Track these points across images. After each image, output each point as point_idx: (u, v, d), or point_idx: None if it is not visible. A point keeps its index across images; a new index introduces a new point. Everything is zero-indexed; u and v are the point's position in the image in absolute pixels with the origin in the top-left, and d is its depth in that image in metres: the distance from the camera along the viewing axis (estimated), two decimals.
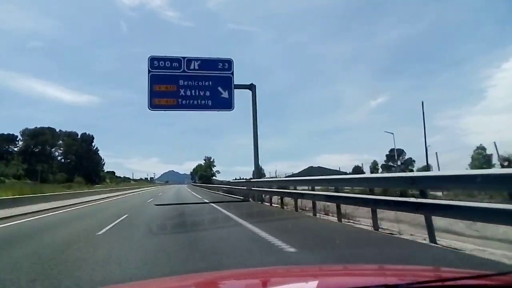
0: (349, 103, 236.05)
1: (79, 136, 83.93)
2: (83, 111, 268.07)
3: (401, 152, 69.75)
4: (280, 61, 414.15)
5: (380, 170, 67.84)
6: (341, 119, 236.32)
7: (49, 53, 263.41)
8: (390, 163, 71.15)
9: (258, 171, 19.72)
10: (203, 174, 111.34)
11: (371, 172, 52.94)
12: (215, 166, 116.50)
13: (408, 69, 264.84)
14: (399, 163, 67.82)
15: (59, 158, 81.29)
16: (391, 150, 67.05)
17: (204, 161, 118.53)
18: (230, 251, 5.27)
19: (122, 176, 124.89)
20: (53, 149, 79.76)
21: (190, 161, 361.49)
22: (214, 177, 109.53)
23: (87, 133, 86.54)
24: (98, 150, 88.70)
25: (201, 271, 3.73)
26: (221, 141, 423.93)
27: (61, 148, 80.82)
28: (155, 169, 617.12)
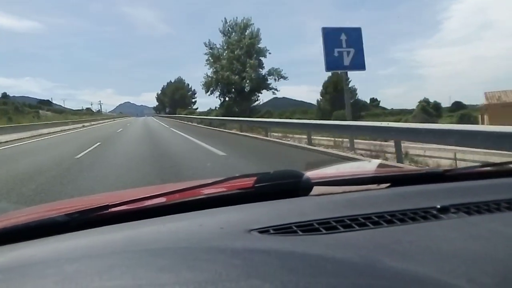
0: (310, 35, 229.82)
1: None
2: (24, 39, 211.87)
3: None
4: None
5: None
6: (301, 51, 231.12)
7: None
8: None
9: None
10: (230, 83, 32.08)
11: None
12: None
13: (368, 1, 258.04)
14: None
15: None
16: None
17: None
18: None
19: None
20: None
21: (148, 92, 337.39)
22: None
23: None
24: None
25: None
26: (179, 73, 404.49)
27: None
28: (111, 100, 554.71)
